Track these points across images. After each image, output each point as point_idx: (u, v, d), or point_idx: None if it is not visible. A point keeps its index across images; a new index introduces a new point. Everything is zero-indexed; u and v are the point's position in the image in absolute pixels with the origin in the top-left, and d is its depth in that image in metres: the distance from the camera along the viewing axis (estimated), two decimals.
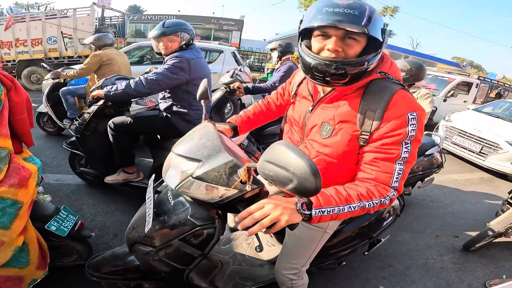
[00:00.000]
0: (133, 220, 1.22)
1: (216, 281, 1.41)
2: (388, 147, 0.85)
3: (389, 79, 0.90)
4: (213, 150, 0.91)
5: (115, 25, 8.36)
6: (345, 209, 0.82)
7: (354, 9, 0.77)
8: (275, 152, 0.67)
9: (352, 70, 0.83)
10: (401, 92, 0.87)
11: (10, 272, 1.37)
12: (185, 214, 1.02)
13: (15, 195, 1.26)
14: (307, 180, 0.62)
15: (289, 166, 0.63)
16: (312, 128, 1.00)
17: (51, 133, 3.96)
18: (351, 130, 0.90)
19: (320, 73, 0.85)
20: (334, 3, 0.79)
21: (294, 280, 1.26)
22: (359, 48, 0.83)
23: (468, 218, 2.99)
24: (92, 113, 2.24)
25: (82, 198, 2.48)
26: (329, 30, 0.81)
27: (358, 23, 0.77)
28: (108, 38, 3.62)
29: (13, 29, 6.69)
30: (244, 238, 1.76)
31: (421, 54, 20.95)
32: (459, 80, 7.04)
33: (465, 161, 4.87)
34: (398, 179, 0.86)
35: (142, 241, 1.10)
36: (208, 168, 0.88)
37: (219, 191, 0.89)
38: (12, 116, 1.31)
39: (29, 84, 6.98)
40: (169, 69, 1.96)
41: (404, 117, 0.83)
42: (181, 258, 1.07)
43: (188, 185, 0.92)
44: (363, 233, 1.61)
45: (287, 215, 0.75)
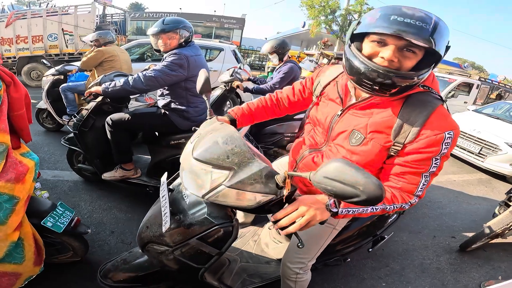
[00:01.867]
0: (145, 219, 1.19)
1: (224, 279, 1.43)
2: (419, 162, 0.85)
3: (431, 93, 0.88)
4: (243, 157, 0.89)
5: (116, 23, 8.37)
6: (368, 210, 0.87)
7: (425, 22, 0.73)
8: (337, 170, 0.68)
9: (402, 82, 0.80)
10: (441, 108, 0.85)
11: (6, 268, 1.37)
12: (202, 213, 1.01)
13: (12, 190, 1.26)
14: (376, 196, 0.65)
15: (358, 185, 0.66)
16: (340, 134, 0.98)
17: (50, 129, 3.97)
18: (383, 141, 0.89)
19: (370, 80, 0.81)
20: (405, 13, 0.75)
21: (299, 274, 1.27)
22: (414, 62, 0.80)
23: (465, 218, 2.99)
24: (90, 110, 2.25)
25: (79, 195, 2.48)
26: (390, 39, 0.77)
27: (426, 37, 0.72)
28: (110, 36, 3.64)
29: (14, 26, 6.70)
30: (250, 236, 1.78)
31: None
32: (460, 81, 7.03)
33: (464, 162, 4.87)
34: (422, 189, 0.89)
35: (157, 240, 1.09)
36: (243, 176, 0.86)
37: (256, 197, 0.87)
38: (11, 112, 1.31)
39: (29, 81, 6.99)
40: (167, 66, 1.95)
41: (441, 135, 0.81)
42: (198, 257, 1.07)
43: (220, 194, 0.88)
44: (368, 230, 1.64)
45: (319, 214, 0.81)
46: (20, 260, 1.38)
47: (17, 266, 1.39)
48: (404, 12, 0.75)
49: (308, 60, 7.19)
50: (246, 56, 16.97)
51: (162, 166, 2.29)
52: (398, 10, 0.75)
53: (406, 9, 0.76)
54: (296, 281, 1.29)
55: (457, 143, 4.83)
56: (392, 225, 1.80)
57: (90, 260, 1.81)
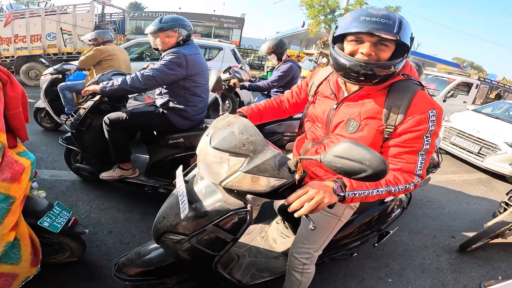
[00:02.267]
0: (161, 211, 1.24)
1: (233, 274, 1.46)
2: (412, 141, 0.95)
3: (411, 80, 1.01)
4: (258, 145, 0.97)
5: (115, 22, 8.34)
6: (373, 192, 0.92)
7: (389, 19, 0.88)
8: (346, 149, 0.77)
9: (382, 72, 0.93)
10: (422, 92, 0.98)
11: (2, 269, 1.35)
12: (218, 200, 1.08)
13: (8, 189, 1.25)
14: (381, 170, 0.74)
15: (365, 160, 0.74)
16: (338, 124, 1.09)
17: (48, 129, 3.95)
18: (376, 125, 1.00)
19: (354, 73, 0.94)
20: (371, 13, 0.90)
21: (306, 265, 1.31)
22: (389, 53, 0.94)
23: (465, 218, 2.98)
24: (87, 109, 2.23)
25: (77, 194, 2.46)
26: (364, 36, 0.92)
27: (392, 31, 0.87)
28: (108, 35, 3.63)
29: (12, 25, 6.67)
30: (258, 232, 1.81)
31: (422, 54, 20.93)
32: (459, 81, 7.02)
33: (463, 161, 4.86)
34: (421, 168, 0.97)
35: (173, 229, 1.14)
36: (258, 162, 0.94)
37: (270, 181, 0.94)
38: (7, 111, 1.30)
39: (27, 80, 6.97)
40: (166, 65, 1.94)
41: (426, 114, 0.93)
42: (213, 243, 1.12)
43: (237, 180, 0.95)
44: (372, 224, 1.67)
45: (328, 197, 0.85)
46: (16, 260, 1.37)
47: (14, 267, 1.37)
48: (371, 12, 0.90)
49: (308, 60, 7.18)
50: (245, 55, 16.96)
51: (160, 165, 2.28)
52: (366, 12, 0.91)
53: (372, 10, 0.92)
54: (302, 272, 1.33)
55: (457, 143, 4.84)
56: (396, 219, 1.83)
57: (87, 261, 1.79)
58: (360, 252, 2.14)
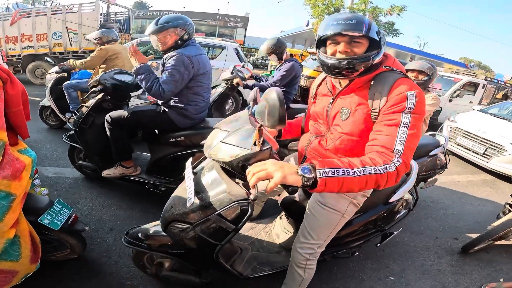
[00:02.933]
0: (169, 200, 1.32)
1: (235, 266, 1.50)
2: (390, 116, 1.02)
3: (393, 70, 1.12)
4: (241, 123, 1.12)
5: (120, 21, 8.39)
6: (349, 172, 0.88)
7: (353, 19, 1.02)
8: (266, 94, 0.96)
9: (360, 64, 1.05)
10: (403, 79, 1.07)
11: (2, 266, 1.36)
12: (222, 190, 1.14)
13: (8, 187, 1.26)
14: (275, 106, 0.89)
15: (266, 96, 0.94)
16: (335, 116, 1.20)
17: (53, 127, 4.00)
18: (365, 110, 1.10)
19: (337, 69, 1.07)
20: (338, 17, 1.05)
21: (309, 260, 1.33)
22: (363, 48, 1.06)
23: (468, 220, 2.95)
24: (90, 107, 2.26)
25: (79, 192, 2.49)
26: (337, 38, 1.05)
27: (358, 29, 1.01)
28: (113, 34, 3.66)
29: (18, 24, 6.74)
30: (262, 227, 1.86)
31: (428, 54, 20.69)
32: (465, 81, 6.93)
33: (468, 162, 4.80)
34: (401, 143, 0.97)
35: (180, 218, 1.21)
36: (234, 134, 1.08)
37: (235, 151, 1.05)
38: (7, 109, 1.31)
39: (34, 79, 7.05)
40: (173, 73, 1.92)
41: (404, 94, 1.01)
42: (216, 233, 1.18)
43: (215, 149, 1.11)
44: (376, 224, 1.68)
45: (282, 172, 0.84)
46: (16, 257, 1.38)
47: (13, 264, 1.38)
48: (338, 16, 1.06)
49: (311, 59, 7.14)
50: (249, 54, 16.94)
51: (161, 163, 2.29)
52: (334, 17, 1.07)
53: (338, 14, 1.07)
54: (305, 268, 1.35)
55: (462, 143, 4.78)
56: (401, 220, 1.82)
57: (87, 258, 1.81)
58: (361, 252, 2.12)
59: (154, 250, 1.40)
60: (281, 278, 1.52)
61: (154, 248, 1.40)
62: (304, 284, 1.41)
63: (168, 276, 1.57)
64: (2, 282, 1.39)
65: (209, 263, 1.38)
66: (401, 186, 1.61)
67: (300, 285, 1.40)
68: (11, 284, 1.42)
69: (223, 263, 1.33)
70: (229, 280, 1.72)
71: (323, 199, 1.27)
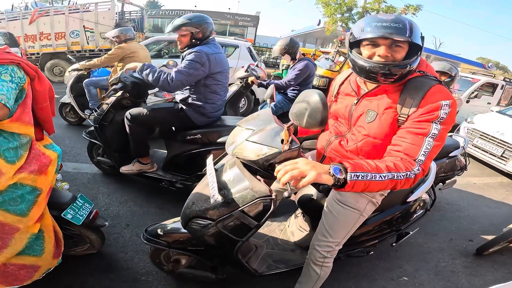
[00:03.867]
0: (190, 197, 1.33)
1: (250, 263, 1.51)
2: (420, 124, 0.99)
3: (427, 76, 1.07)
4: (265, 120, 1.13)
5: (134, 20, 8.54)
6: (376, 176, 0.90)
7: (399, 23, 0.97)
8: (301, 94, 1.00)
9: (398, 71, 1.01)
10: (438, 86, 1.03)
11: (25, 261, 1.37)
12: (245, 187, 1.14)
13: (35, 181, 1.28)
14: (315, 101, 0.90)
15: (304, 97, 0.95)
16: (359, 117, 1.17)
17: (72, 123, 4.13)
18: (392, 115, 1.07)
19: (374, 73, 1.03)
20: (382, 19, 0.99)
21: (326, 258, 1.34)
22: (403, 53, 1.02)
23: (484, 222, 2.89)
24: (110, 104, 2.32)
25: (97, 187, 2.56)
26: (379, 40, 1.00)
27: (404, 34, 0.96)
28: (131, 32, 3.74)
29: (37, 23, 6.95)
30: (277, 225, 1.86)
31: (444, 53, 20.13)
32: (483, 81, 6.75)
33: (485, 164, 4.69)
34: (425, 154, 0.97)
35: (202, 214, 1.22)
36: (260, 132, 1.09)
37: (262, 149, 1.05)
38: (35, 105, 1.34)
39: (51, 76, 7.24)
40: (189, 66, 1.96)
41: (439, 103, 0.97)
42: (238, 229, 1.18)
43: (240, 147, 1.12)
44: (393, 224, 1.67)
45: (315, 172, 0.84)
46: (39, 252, 1.39)
47: (36, 259, 1.39)
48: (381, 18, 1.00)
49: (324, 58, 7.09)
50: (260, 53, 16.91)
51: (177, 161, 2.34)
52: (377, 18, 1.01)
53: (382, 16, 1.02)
54: (322, 265, 1.35)
55: (479, 145, 4.67)
56: (418, 220, 1.80)
57: (104, 253, 1.83)
58: (374, 252, 2.11)
59: (173, 247, 1.41)
60: (294, 277, 1.52)
61: (173, 245, 1.41)
62: (319, 283, 1.41)
63: (185, 272, 1.58)
64: (24, 277, 1.40)
65: (228, 259, 1.39)
66: (419, 186, 1.60)
67: (315, 283, 1.40)
68: (33, 279, 1.43)
69: (241, 260, 1.34)
70: (243, 277, 1.75)
71: (342, 198, 1.27)
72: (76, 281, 1.64)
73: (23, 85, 1.25)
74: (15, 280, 1.38)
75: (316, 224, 1.37)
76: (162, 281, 1.70)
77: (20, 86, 1.23)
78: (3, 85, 1.12)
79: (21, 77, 1.23)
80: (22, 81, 1.24)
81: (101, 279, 1.67)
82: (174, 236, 1.41)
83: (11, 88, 1.15)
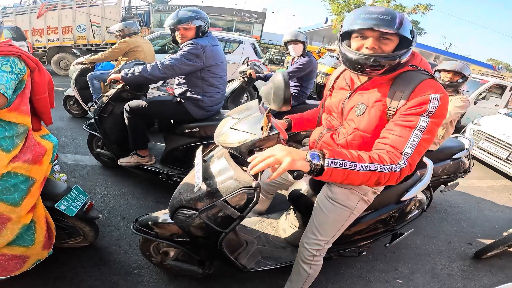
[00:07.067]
0: (179, 187, 1.34)
1: (240, 259, 1.50)
2: (407, 117, 0.97)
3: (420, 70, 1.05)
4: (251, 110, 1.13)
5: (140, 15, 8.57)
6: (357, 166, 0.88)
7: (387, 15, 0.96)
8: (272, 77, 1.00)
9: (386, 63, 0.99)
10: (429, 80, 1.00)
11: (15, 251, 1.36)
12: (230, 177, 1.15)
13: (29, 171, 1.29)
14: (281, 86, 0.90)
15: (272, 78, 0.96)
16: (350, 110, 1.16)
17: (76, 116, 4.17)
18: (381, 107, 1.06)
19: (361, 65, 1.02)
20: (370, 11, 0.98)
21: (315, 256, 1.33)
22: (392, 46, 1.01)
23: (485, 225, 2.84)
24: (110, 96, 2.33)
25: (95, 179, 2.58)
26: (367, 32, 0.99)
27: (391, 26, 0.95)
28: (135, 27, 3.75)
29: (45, 17, 7.01)
30: (269, 223, 1.86)
31: (454, 54, 19.80)
32: (492, 83, 6.62)
33: (490, 167, 4.61)
34: (412, 146, 0.94)
35: (187, 204, 1.23)
36: (243, 120, 1.10)
37: (243, 136, 1.06)
38: (33, 96, 1.36)
39: (58, 70, 7.33)
40: (184, 56, 1.97)
41: (427, 97, 0.95)
42: (221, 220, 1.19)
43: (224, 134, 1.14)
44: (387, 223, 1.63)
45: (290, 158, 0.84)
46: (30, 243, 1.38)
47: (26, 249, 1.38)
48: (371, 10, 0.98)
49: (329, 56, 7.03)
50: (265, 50, 16.84)
51: (175, 154, 2.34)
52: (366, 10, 0.99)
53: (371, 8, 0.99)
54: (311, 264, 1.34)
55: (485, 147, 4.58)
56: (414, 221, 1.77)
57: (98, 246, 1.83)
58: (370, 253, 2.10)
59: (161, 238, 1.41)
60: (286, 275, 1.52)
61: (161, 236, 1.41)
62: (309, 281, 1.40)
63: (172, 265, 1.58)
64: (13, 268, 1.39)
65: (213, 252, 1.38)
66: (414, 185, 1.56)
67: (305, 281, 1.39)
68: (22, 270, 1.43)
69: (226, 253, 1.33)
70: (234, 274, 1.74)
71: (333, 195, 1.25)
72: (67, 273, 1.63)
73: (23, 76, 1.27)
74: (3, 270, 1.38)
75: (307, 221, 1.36)
76: (154, 275, 1.70)
77: (20, 77, 1.25)
78: (2, 75, 1.15)
79: (21, 69, 1.25)
80: (22, 73, 1.26)
81: (93, 272, 1.66)
82: (162, 226, 1.41)
83: (10, 79, 1.18)
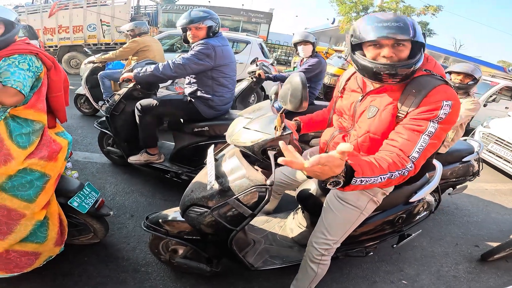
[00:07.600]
0: (190, 185, 1.36)
1: (247, 257, 1.52)
2: (417, 121, 0.98)
3: (434, 75, 1.04)
4: (263, 110, 1.17)
5: (148, 14, 8.64)
6: (377, 180, 0.89)
7: (399, 22, 0.96)
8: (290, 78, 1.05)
9: (404, 70, 1.00)
10: (443, 86, 1.00)
11: (27, 248, 1.38)
12: (242, 175, 1.17)
13: (44, 167, 1.32)
14: (299, 88, 0.94)
15: (290, 79, 1.01)
16: (362, 113, 1.18)
17: (86, 114, 4.25)
18: (392, 110, 1.07)
19: (379, 74, 1.02)
20: (382, 19, 0.98)
21: (324, 256, 1.34)
22: (407, 52, 1.01)
23: (492, 228, 2.82)
24: (122, 95, 2.39)
25: (105, 177, 2.62)
26: (382, 41, 0.99)
27: (407, 33, 0.96)
28: (145, 27, 3.81)
29: (56, 16, 7.11)
30: (277, 222, 1.87)
31: (464, 56, 19.46)
32: (502, 85, 6.50)
33: (499, 170, 4.54)
34: (419, 151, 0.96)
35: (199, 202, 1.24)
36: (256, 120, 1.13)
37: (256, 135, 1.08)
38: (49, 93, 1.40)
39: (68, 68, 7.42)
40: (195, 55, 2.01)
41: (439, 103, 0.96)
42: (233, 218, 1.20)
43: (237, 134, 1.16)
44: (394, 224, 1.64)
45: (329, 173, 0.78)
46: (42, 239, 1.40)
47: (38, 246, 1.40)
48: (382, 18, 0.98)
49: (337, 57, 7.00)
50: (272, 50, 16.81)
51: (184, 152, 2.38)
52: (377, 18, 0.99)
53: (381, 15, 1.00)
54: (319, 263, 1.35)
55: (494, 151, 4.52)
56: (421, 223, 1.77)
57: (107, 243, 1.85)
58: (376, 254, 2.11)
59: (171, 235, 1.43)
60: (292, 274, 1.53)
61: (171, 234, 1.43)
62: (316, 280, 1.41)
63: (181, 263, 1.58)
64: (25, 264, 1.41)
65: (223, 250, 1.40)
66: (423, 187, 1.56)
67: (312, 280, 1.40)
68: (33, 266, 1.44)
69: (236, 251, 1.34)
70: (241, 272, 1.76)
71: (343, 195, 1.26)
72: (75, 269, 1.65)
73: (40, 74, 1.30)
74: (15, 267, 1.39)
75: (315, 221, 1.37)
76: (161, 273, 1.72)
77: (36, 75, 1.28)
78: (20, 73, 1.18)
79: (38, 67, 1.28)
80: (39, 71, 1.29)
81: (101, 269, 1.68)
82: (172, 224, 1.43)
83: (27, 76, 1.21)
